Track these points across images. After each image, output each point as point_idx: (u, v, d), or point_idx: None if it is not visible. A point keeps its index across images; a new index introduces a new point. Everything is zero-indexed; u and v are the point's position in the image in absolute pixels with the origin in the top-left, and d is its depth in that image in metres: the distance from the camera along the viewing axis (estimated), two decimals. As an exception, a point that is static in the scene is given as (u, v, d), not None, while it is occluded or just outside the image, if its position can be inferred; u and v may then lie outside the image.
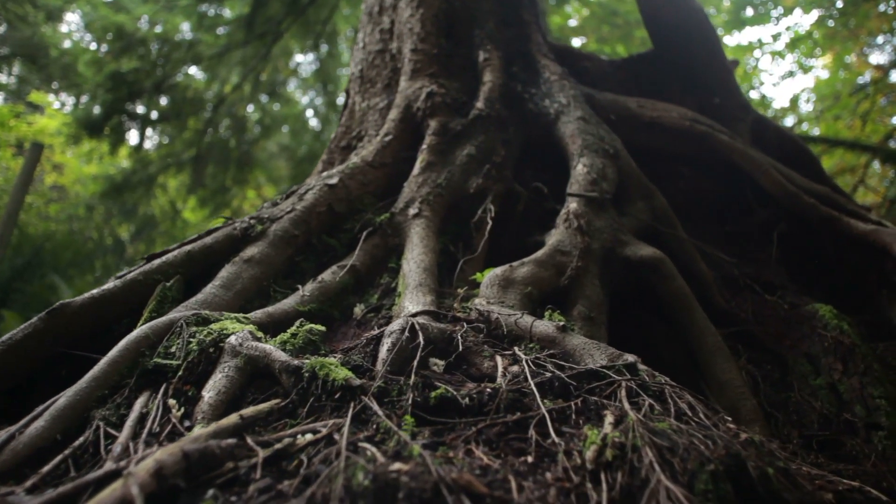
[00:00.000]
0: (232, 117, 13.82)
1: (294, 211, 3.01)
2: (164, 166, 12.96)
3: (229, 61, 11.98)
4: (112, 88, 10.46)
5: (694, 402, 1.80)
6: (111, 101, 10.57)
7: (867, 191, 12.89)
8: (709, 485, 1.33)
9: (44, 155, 19.25)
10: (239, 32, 10.94)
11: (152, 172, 12.65)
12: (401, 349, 1.96)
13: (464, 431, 1.58)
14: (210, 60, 11.61)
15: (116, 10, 12.72)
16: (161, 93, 11.82)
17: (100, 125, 10.83)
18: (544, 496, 1.32)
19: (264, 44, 11.03)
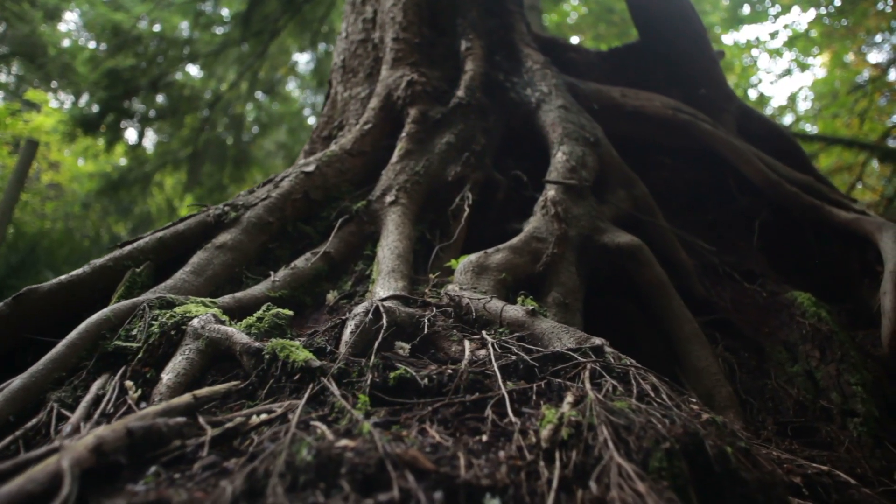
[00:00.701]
0: (229, 115, 13.80)
1: (269, 198, 2.98)
2: (161, 164, 12.94)
3: (226, 59, 11.97)
4: (108, 86, 10.43)
5: (658, 383, 1.78)
6: (107, 98, 10.53)
7: (865, 189, 12.90)
8: (663, 462, 1.30)
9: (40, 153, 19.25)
10: (235, 30, 10.90)
11: (149, 170, 12.63)
12: (364, 331, 1.94)
13: (420, 411, 1.56)
14: (206, 58, 11.59)
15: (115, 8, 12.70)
16: (157, 90, 11.79)
17: (95, 122, 10.81)
18: (493, 473, 1.29)
19: (261, 42, 11.00)
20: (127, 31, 11.02)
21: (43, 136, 17.31)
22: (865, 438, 2.51)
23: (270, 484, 1.15)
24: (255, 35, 10.75)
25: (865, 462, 2.44)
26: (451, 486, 1.21)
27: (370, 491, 1.15)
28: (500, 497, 1.23)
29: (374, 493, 1.14)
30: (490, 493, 1.23)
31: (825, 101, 16.46)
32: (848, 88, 14.38)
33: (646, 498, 1.19)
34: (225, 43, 11.35)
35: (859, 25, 14.95)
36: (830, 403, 2.65)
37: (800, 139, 11.52)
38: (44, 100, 18.08)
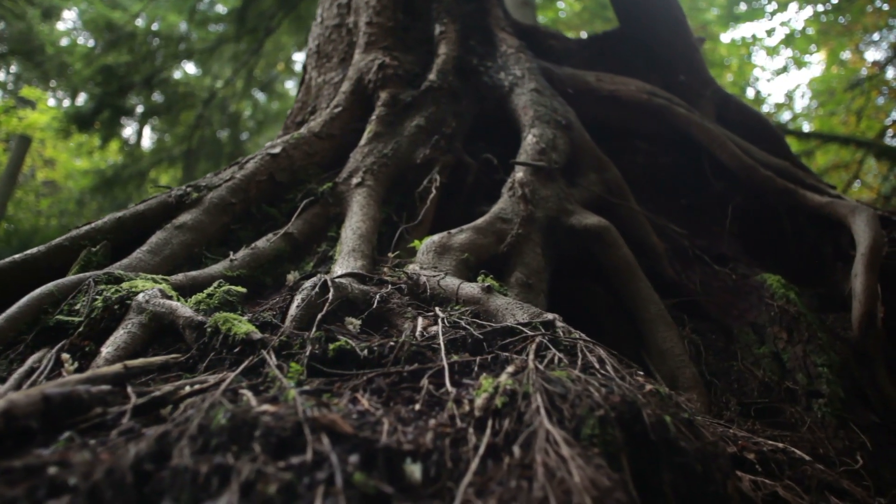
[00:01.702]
0: (224, 112, 13.75)
1: (233, 179, 2.95)
2: (156, 161, 12.91)
3: (221, 56, 11.92)
4: (102, 82, 10.38)
5: (605, 356, 1.75)
6: (101, 94, 10.49)
7: (863, 187, 12.89)
8: (595, 429, 1.28)
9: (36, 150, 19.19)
10: (230, 27, 10.85)
11: (144, 167, 12.60)
12: (311, 305, 1.91)
13: (355, 381, 1.53)
14: (201, 55, 11.54)
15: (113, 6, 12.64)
16: (152, 87, 11.74)
17: (90, 119, 10.76)
18: (417, 439, 1.26)
19: (256, 38, 10.95)
20: (121, 27, 10.97)
21: (37, 133, 17.25)
22: (829, 419, 2.49)
23: (178, 446, 1.12)
24: (251, 32, 10.70)
25: (828, 442, 2.41)
26: (369, 450, 1.17)
27: (284, 454, 1.12)
28: (421, 462, 1.20)
29: (287, 456, 1.11)
30: (411, 458, 1.20)
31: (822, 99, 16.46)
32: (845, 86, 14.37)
33: (569, 463, 1.16)
34: (220, 40, 11.31)
35: (856, 23, 14.93)
36: (796, 385, 2.62)
37: (796, 136, 11.51)
38: (39, 97, 18.01)
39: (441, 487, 1.16)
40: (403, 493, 1.12)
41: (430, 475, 1.18)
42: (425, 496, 1.13)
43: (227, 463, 1.07)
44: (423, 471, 1.18)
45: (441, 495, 1.14)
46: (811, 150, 11.49)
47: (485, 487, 1.14)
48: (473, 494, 1.11)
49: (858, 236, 3.18)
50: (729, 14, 17.75)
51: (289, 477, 1.04)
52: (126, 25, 11.01)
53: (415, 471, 1.17)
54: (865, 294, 2.97)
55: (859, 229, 3.20)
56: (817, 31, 16.47)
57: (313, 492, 1.03)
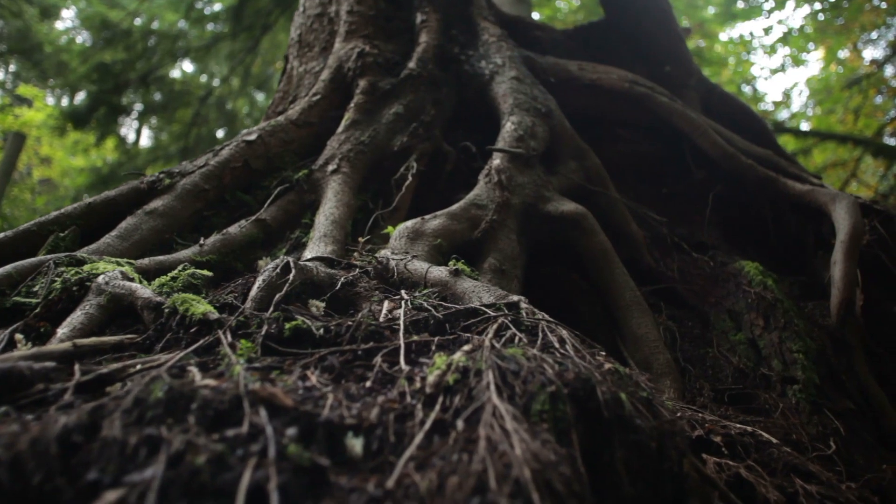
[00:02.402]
0: (221, 110, 13.71)
1: (207, 166, 2.92)
2: (152, 159, 12.86)
3: (218, 54, 11.87)
4: (98, 80, 10.34)
5: (567, 336, 1.73)
6: (97, 92, 10.45)
7: (861, 186, 12.89)
8: (545, 405, 1.26)
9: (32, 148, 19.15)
10: (227, 24, 10.81)
11: (140, 165, 12.53)
12: (272, 287, 1.89)
13: (307, 359, 1.51)
14: (198, 52, 11.49)
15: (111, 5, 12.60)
16: (148, 85, 11.68)
17: (85, 117, 10.71)
18: (361, 414, 1.24)
19: (252, 36, 10.90)
20: (116, 24, 10.92)
21: (33, 131, 17.21)
22: (804, 405, 2.47)
23: (110, 418, 1.09)
24: (247, 29, 10.66)
25: (802, 428, 2.40)
26: (309, 423, 1.15)
27: (220, 426, 1.10)
28: (364, 436, 1.18)
29: (223, 429, 1.09)
30: (353, 432, 1.18)
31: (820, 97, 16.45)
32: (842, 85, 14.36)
33: (512, 436, 1.14)
34: (216, 37, 11.26)
35: (854, 21, 14.90)
36: (771, 371, 2.60)
37: (794, 134, 11.51)
38: (35, 95, 17.97)
39: (383, 461, 1.14)
40: (342, 467, 1.11)
41: (371, 449, 1.16)
42: (366, 470, 1.11)
43: (157, 434, 1.05)
44: (364, 445, 1.16)
45: (382, 469, 1.12)
46: (809, 147, 11.49)
47: (426, 461, 1.12)
48: (414, 468, 1.09)
49: (838, 223, 3.17)
50: (726, 12, 17.72)
51: (220, 448, 1.02)
52: (121, 23, 10.96)
53: (356, 444, 1.15)
54: (844, 281, 2.95)
55: (839, 217, 3.18)
56: (815, 29, 16.45)
57: (245, 463, 1.01)
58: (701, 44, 17.19)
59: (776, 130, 12.61)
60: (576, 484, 1.12)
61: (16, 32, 13.54)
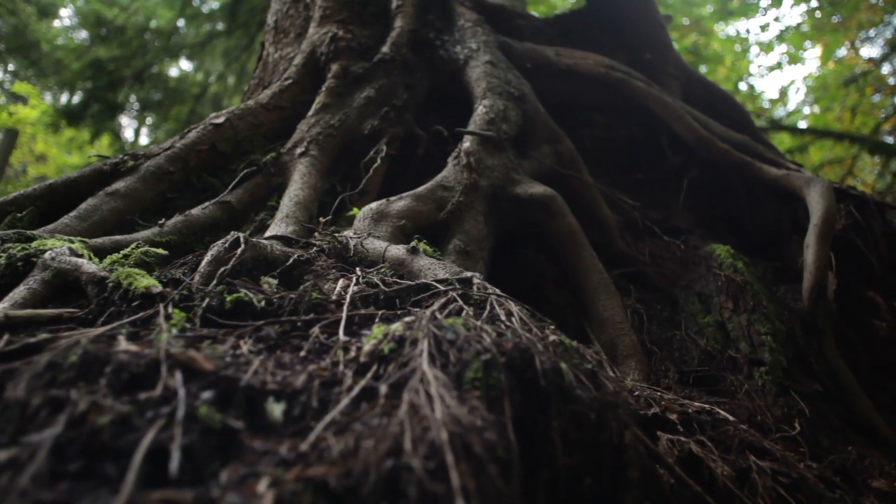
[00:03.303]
0: (216, 107, 13.66)
1: (172, 148, 2.89)
2: (147, 156, 12.75)
3: (213, 51, 11.83)
4: (92, 77, 10.29)
5: (516, 310, 1.71)
6: (91, 89, 10.40)
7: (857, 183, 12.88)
8: (479, 373, 1.23)
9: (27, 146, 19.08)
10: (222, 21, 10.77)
11: (134, 163, 12.44)
12: (219, 261, 1.86)
13: (244, 330, 1.48)
14: (193, 50, 11.45)
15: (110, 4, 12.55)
16: (143, 82, 11.62)
17: (79, 114, 10.65)
18: (286, 380, 1.22)
19: (248, 34, 10.85)
20: (110, 21, 10.87)
21: (28, 128, 17.16)
22: (770, 387, 2.45)
23: (16, 380, 1.06)
24: (242, 27, 10.61)
25: (767, 410, 2.38)
26: (228, 387, 1.13)
27: (133, 390, 1.07)
28: (286, 402, 1.15)
29: (135, 392, 1.06)
30: (275, 398, 1.15)
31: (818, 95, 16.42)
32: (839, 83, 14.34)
33: (435, 401, 1.11)
34: (211, 35, 11.21)
35: (851, 19, 14.85)
36: (739, 353, 2.58)
37: (790, 132, 11.48)
38: (30, 92, 17.91)
39: (304, 427, 1.11)
40: (260, 431, 1.08)
41: (293, 415, 1.14)
42: (284, 434, 1.09)
43: (64, 396, 1.02)
44: (286, 410, 1.14)
45: (301, 434, 1.09)
46: (805, 145, 11.48)
47: (347, 426, 1.09)
48: (332, 433, 1.07)
49: (812, 207, 3.14)
50: (723, 9, 17.63)
51: (126, 409, 0.99)
52: (115, 19, 10.91)
53: (276, 409, 1.13)
54: (816, 265, 2.93)
55: (813, 200, 3.16)
56: (811, 26, 16.41)
57: (151, 424, 0.98)
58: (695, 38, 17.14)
59: (773, 128, 12.60)
60: (501, 449, 1.09)
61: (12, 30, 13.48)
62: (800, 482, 1.74)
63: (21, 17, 13.22)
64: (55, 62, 13.76)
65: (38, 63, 14.59)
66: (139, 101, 12.86)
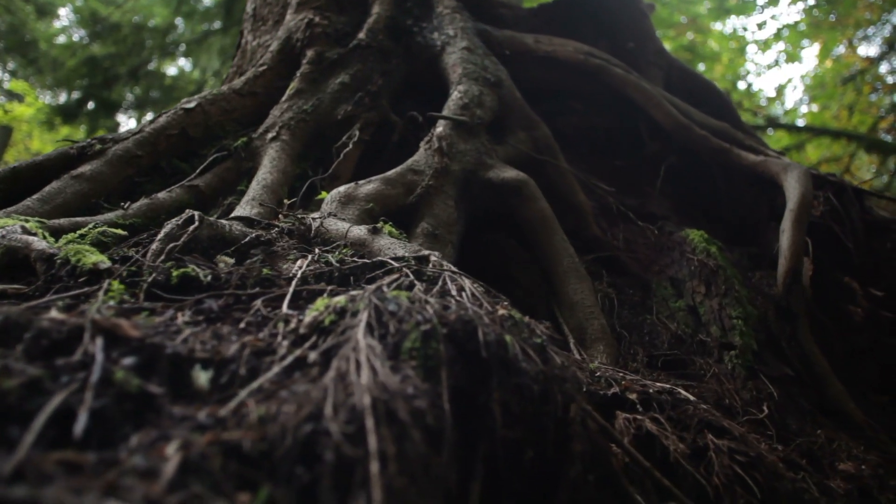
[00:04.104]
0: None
1: (141, 132, 2.86)
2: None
3: (209, 49, 11.79)
4: (87, 74, 10.25)
5: (469, 286, 1.69)
6: (86, 86, 10.36)
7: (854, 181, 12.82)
8: (416, 343, 1.22)
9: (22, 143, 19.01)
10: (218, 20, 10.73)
11: (129, 160, 12.42)
12: (173, 239, 1.83)
13: (184, 302, 1.46)
14: (189, 47, 11.41)
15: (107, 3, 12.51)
16: (138, 79, 11.57)
17: (74, 111, 10.61)
18: (216, 349, 1.19)
19: None
20: (104, 18, 10.83)
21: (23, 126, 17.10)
22: (739, 370, 2.43)
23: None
24: (238, 24, 10.57)
25: (735, 393, 2.36)
26: (154, 354, 1.10)
27: (52, 355, 1.05)
28: (214, 370, 1.13)
29: (53, 357, 1.03)
30: (202, 365, 1.13)
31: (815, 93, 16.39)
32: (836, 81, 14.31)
33: (363, 368, 1.09)
34: (206, 32, 11.17)
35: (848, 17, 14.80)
36: (709, 337, 2.56)
37: (787, 130, 11.46)
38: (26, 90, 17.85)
39: (230, 394, 1.09)
40: (182, 398, 1.06)
41: (220, 383, 1.12)
42: (210, 402, 1.06)
43: (-27, 360, 1.00)
44: (213, 378, 1.12)
45: (226, 401, 1.07)
46: (802, 143, 11.47)
47: (273, 394, 1.07)
48: (256, 400, 1.05)
49: (789, 192, 3.12)
50: (720, 7, 17.56)
51: (38, 373, 0.97)
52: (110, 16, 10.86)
53: (201, 377, 1.11)
54: (791, 250, 2.91)
55: (790, 186, 3.14)
56: (809, 25, 16.36)
57: (64, 388, 0.95)
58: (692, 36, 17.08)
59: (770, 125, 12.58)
60: (431, 418, 1.07)
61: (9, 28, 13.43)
62: (757, 461, 1.72)
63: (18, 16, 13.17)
64: (53, 61, 13.73)
65: (36, 62, 14.56)
66: (136, 99, 12.82)
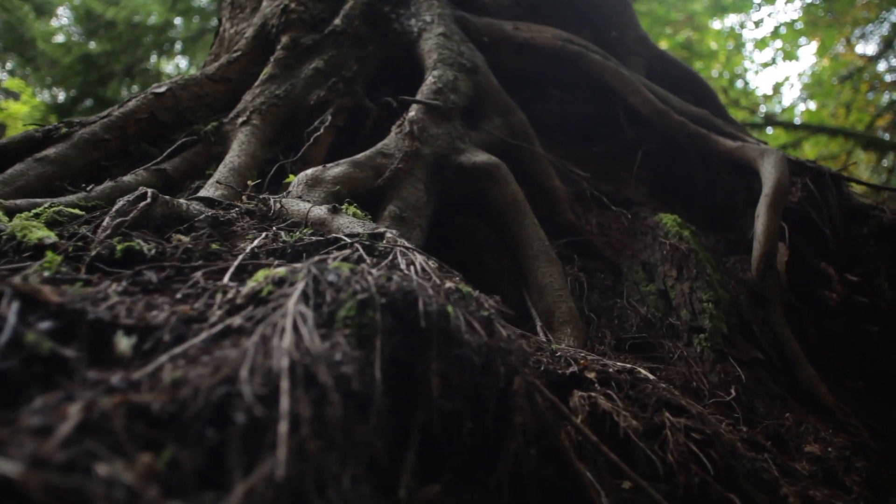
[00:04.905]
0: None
1: (109, 116, 2.83)
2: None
3: (206, 46, 11.76)
4: (83, 71, 10.20)
5: (421, 260, 1.67)
6: (81, 83, 10.32)
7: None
8: (351, 311, 1.20)
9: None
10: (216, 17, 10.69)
11: (124, 156, 12.39)
12: (123, 215, 1.81)
13: (122, 274, 1.44)
14: (185, 44, 11.37)
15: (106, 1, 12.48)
16: (133, 77, 11.52)
17: (69, 108, 10.56)
18: (143, 316, 1.17)
19: None
20: (99, 15, 10.79)
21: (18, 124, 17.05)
22: (708, 353, 2.41)
23: None
24: None
25: (703, 376, 2.34)
26: (73, 319, 1.08)
27: (-34, 320, 1.02)
28: (138, 336, 1.11)
29: (-34, 321, 1.01)
30: (125, 331, 1.11)
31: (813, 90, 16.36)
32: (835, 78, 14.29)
33: (286, 333, 1.08)
34: (202, 29, 11.13)
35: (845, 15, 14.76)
36: (679, 321, 2.54)
37: (784, 128, 11.45)
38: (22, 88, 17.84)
39: (152, 360, 1.07)
40: (102, 363, 1.04)
41: (143, 349, 1.10)
42: (130, 367, 1.04)
43: None
44: (136, 345, 1.10)
45: (145, 366, 1.05)
46: (799, 140, 11.46)
47: (195, 359, 1.06)
48: (176, 364, 1.03)
49: (765, 177, 3.10)
50: (716, 4, 17.49)
51: (-59, 335, 0.95)
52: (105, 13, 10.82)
53: (123, 342, 1.09)
54: (765, 235, 2.89)
55: (766, 171, 3.12)
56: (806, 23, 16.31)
57: (-30, 351, 0.93)
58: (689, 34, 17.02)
59: (767, 124, 12.57)
60: (357, 384, 1.06)
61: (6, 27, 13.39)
62: (714, 439, 1.70)
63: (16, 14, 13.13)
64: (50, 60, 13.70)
65: (34, 60, 14.52)
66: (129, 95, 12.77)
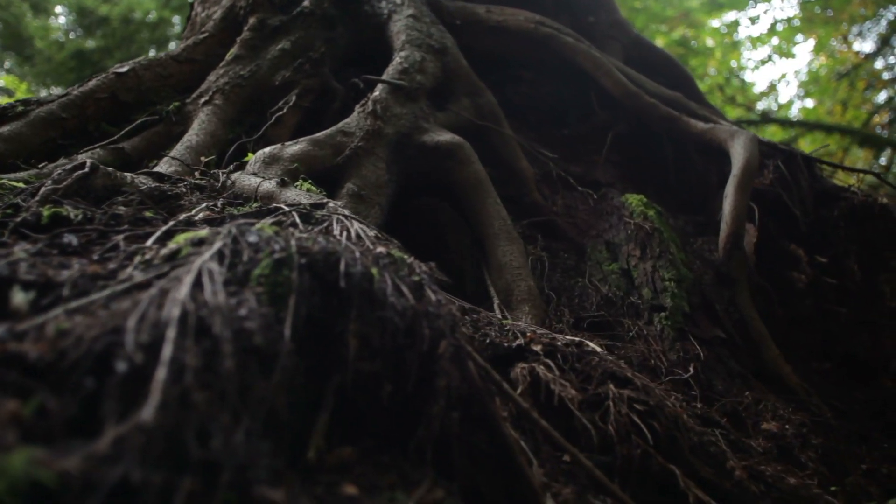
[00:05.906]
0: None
1: (68, 95, 2.80)
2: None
3: None
4: (76, 67, 10.16)
5: (357, 227, 1.64)
6: (74, 80, 10.28)
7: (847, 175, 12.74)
8: (266, 270, 1.17)
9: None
10: None
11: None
12: (58, 184, 1.78)
13: (41, 237, 1.41)
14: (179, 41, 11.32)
15: None
16: None
17: None
18: (45, 272, 1.15)
19: None
20: (92, 12, 10.74)
21: (12, 122, 17.02)
22: (668, 332, 2.39)
23: None
24: None
25: (662, 354, 2.31)
26: (-34, 274, 1.05)
27: None
28: (36, 292, 1.08)
29: None
30: (24, 286, 1.08)
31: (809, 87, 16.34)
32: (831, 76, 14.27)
33: (183, 287, 1.05)
34: None
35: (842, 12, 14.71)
36: (641, 300, 2.51)
37: (780, 125, 11.43)
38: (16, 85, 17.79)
39: (50, 316, 1.04)
40: (-5, 318, 1.01)
41: (42, 304, 1.07)
42: (24, 321, 1.01)
43: None
44: (34, 300, 1.07)
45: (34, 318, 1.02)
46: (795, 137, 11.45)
47: (90, 313, 1.03)
48: (70, 318, 1.00)
49: (734, 158, 3.08)
50: (712, 1, 17.40)
51: None
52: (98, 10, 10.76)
53: (18, 296, 1.06)
54: (732, 215, 2.87)
55: (735, 152, 3.09)
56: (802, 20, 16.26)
57: None
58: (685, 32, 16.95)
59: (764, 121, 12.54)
60: (261, 339, 1.03)
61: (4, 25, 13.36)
62: (657, 410, 1.67)
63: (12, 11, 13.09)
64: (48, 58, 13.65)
65: (32, 58, 14.49)
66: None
